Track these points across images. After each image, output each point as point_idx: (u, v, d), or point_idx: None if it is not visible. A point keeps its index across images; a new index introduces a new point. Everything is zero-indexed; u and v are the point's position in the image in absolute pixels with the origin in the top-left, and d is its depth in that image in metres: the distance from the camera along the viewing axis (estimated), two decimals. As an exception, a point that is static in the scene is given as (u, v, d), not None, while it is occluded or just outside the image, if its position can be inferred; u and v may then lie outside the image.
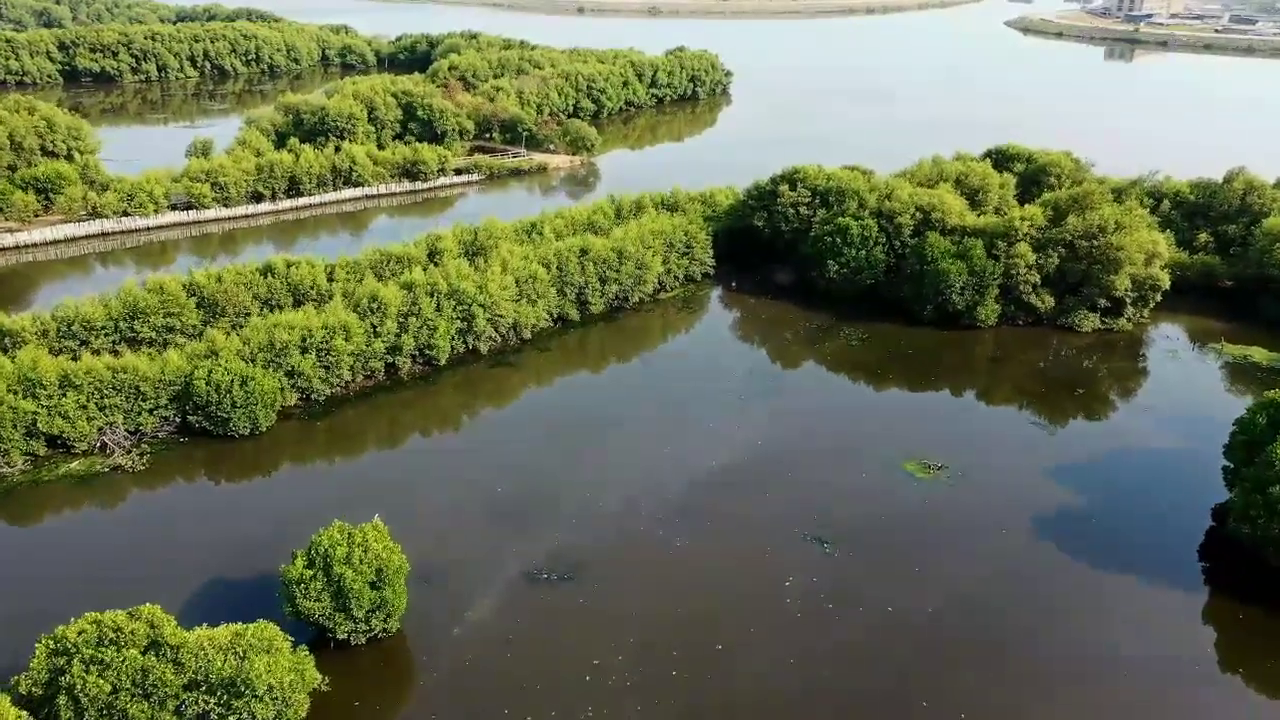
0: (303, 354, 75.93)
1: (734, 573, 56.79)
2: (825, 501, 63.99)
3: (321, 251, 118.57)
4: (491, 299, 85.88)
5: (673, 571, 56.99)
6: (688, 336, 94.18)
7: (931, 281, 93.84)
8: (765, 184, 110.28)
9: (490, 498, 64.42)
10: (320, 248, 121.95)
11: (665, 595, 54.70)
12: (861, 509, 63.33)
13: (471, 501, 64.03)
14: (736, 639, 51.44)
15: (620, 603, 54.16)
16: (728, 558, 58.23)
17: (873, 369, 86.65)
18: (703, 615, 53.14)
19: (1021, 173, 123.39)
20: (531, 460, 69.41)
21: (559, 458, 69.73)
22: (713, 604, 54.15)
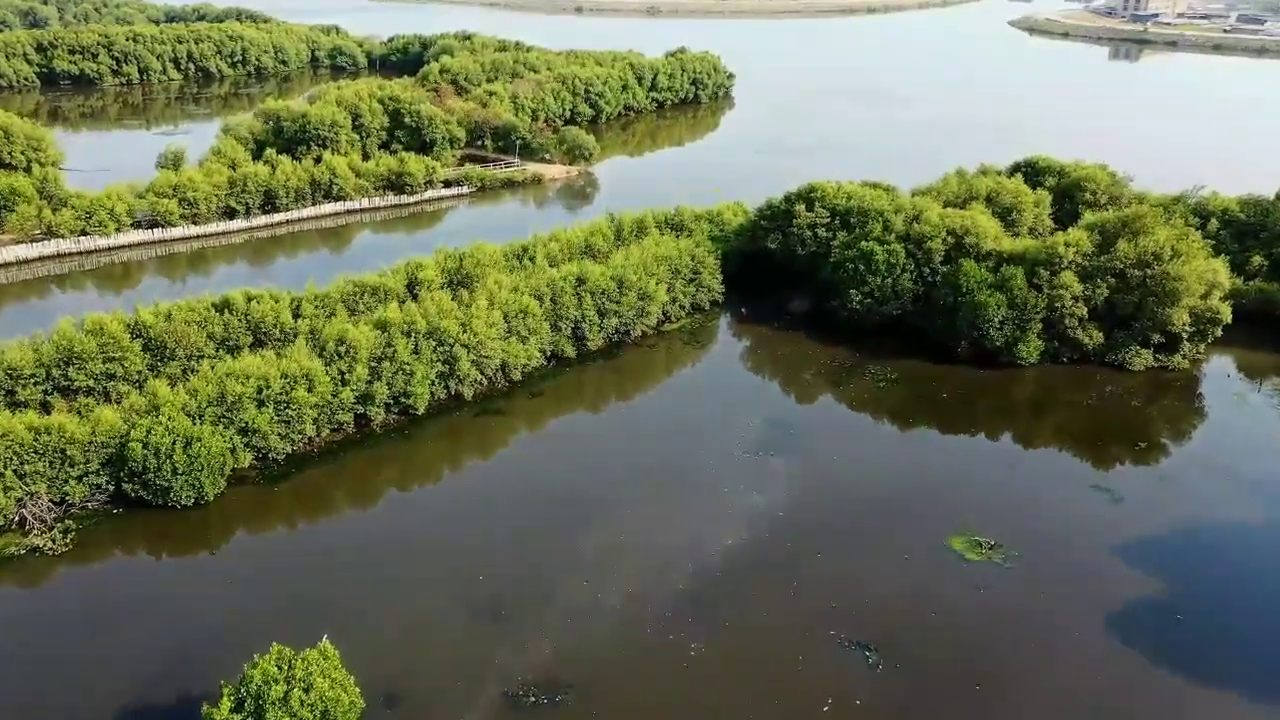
0: (259, 408, 66.40)
1: (761, 695, 47.28)
2: (863, 593, 54.53)
3: (299, 272, 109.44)
4: (477, 338, 76.38)
5: (686, 690, 47.50)
6: (696, 377, 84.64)
7: (967, 315, 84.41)
8: (779, 203, 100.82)
9: (469, 589, 54.90)
10: (297, 268, 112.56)
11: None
12: (906, 603, 53.86)
13: (447, 594, 54.52)
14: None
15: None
16: (752, 672, 48.73)
17: (904, 416, 77.16)
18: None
19: (1053, 188, 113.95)
20: (519, 538, 59.89)
21: (550, 534, 60.21)
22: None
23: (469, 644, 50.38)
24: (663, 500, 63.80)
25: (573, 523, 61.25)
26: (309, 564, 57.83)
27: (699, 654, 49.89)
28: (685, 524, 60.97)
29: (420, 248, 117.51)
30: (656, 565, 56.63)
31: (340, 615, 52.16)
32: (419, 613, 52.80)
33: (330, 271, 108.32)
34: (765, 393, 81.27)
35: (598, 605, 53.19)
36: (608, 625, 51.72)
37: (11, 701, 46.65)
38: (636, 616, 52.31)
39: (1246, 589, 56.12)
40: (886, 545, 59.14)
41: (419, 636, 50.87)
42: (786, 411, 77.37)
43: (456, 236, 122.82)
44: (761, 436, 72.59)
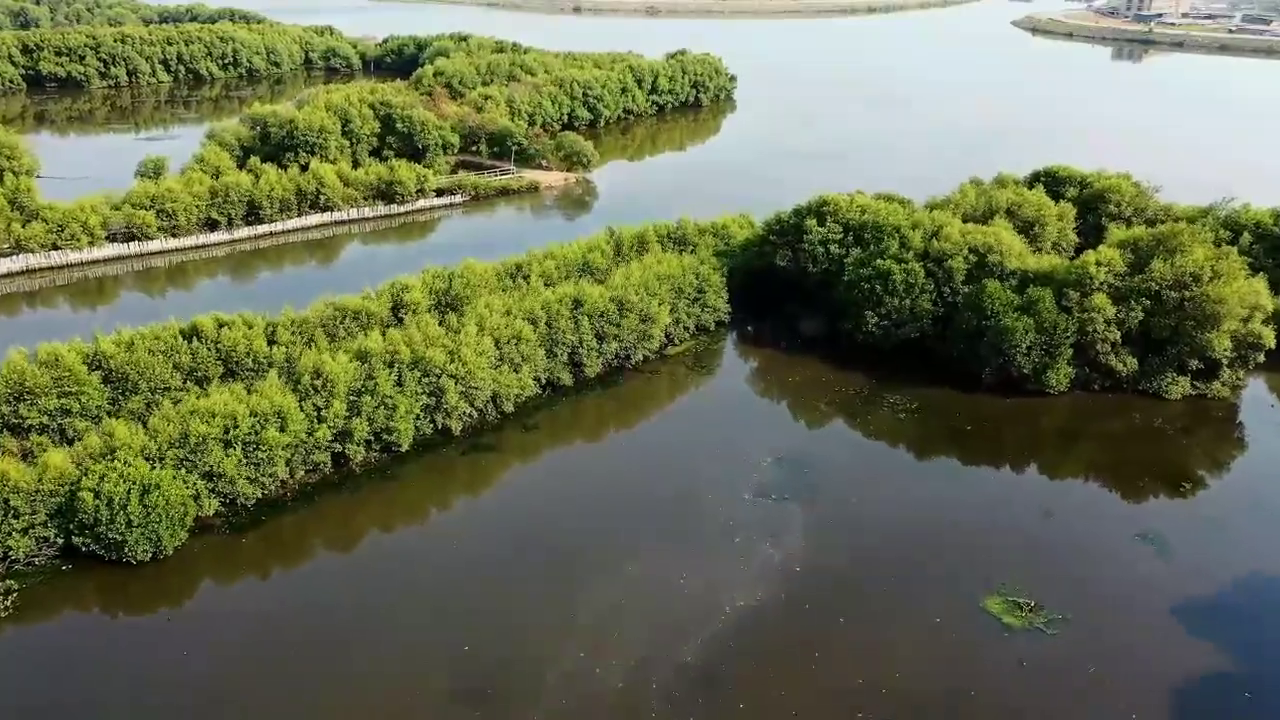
0: (225, 449, 60.66)
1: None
2: (892, 667, 48.82)
3: (282, 288, 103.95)
4: (466, 368, 70.62)
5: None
6: (701, 407, 78.85)
7: (992, 340, 78.71)
8: (788, 217, 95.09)
9: (453, 661, 49.17)
10: (280, 283, 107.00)
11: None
12: (941, 680, 48.15)
13: (428, 667, 48.78)
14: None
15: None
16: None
17: (927, 453, 71.46)
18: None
19: (1075, 199, 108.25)
20: (509, 598, 54.17)
21: (544, 593, 54.50)
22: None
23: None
24: (667, 552, 58.08)
25: (569, 579, 55.55)
26: (274, 629, 52.08)
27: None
28: (692, 582, 55.25)
29: (410, 260, 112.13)
30: (661, 633, 50.92)
31: (307, 694, 46.50)
32: (395, 692, 47.06)
33: (315, 287, 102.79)
34: (776, 425, 75.48)
35: (596, 683, 47.46)
36: (604, 709, 45.98)
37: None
38: (640, 698, 46.57)
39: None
40: (916, 608, 53.41)
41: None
42: (799, 447, 71.56)
43: (448, 249, 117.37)
44: (773, 476, 66.84)
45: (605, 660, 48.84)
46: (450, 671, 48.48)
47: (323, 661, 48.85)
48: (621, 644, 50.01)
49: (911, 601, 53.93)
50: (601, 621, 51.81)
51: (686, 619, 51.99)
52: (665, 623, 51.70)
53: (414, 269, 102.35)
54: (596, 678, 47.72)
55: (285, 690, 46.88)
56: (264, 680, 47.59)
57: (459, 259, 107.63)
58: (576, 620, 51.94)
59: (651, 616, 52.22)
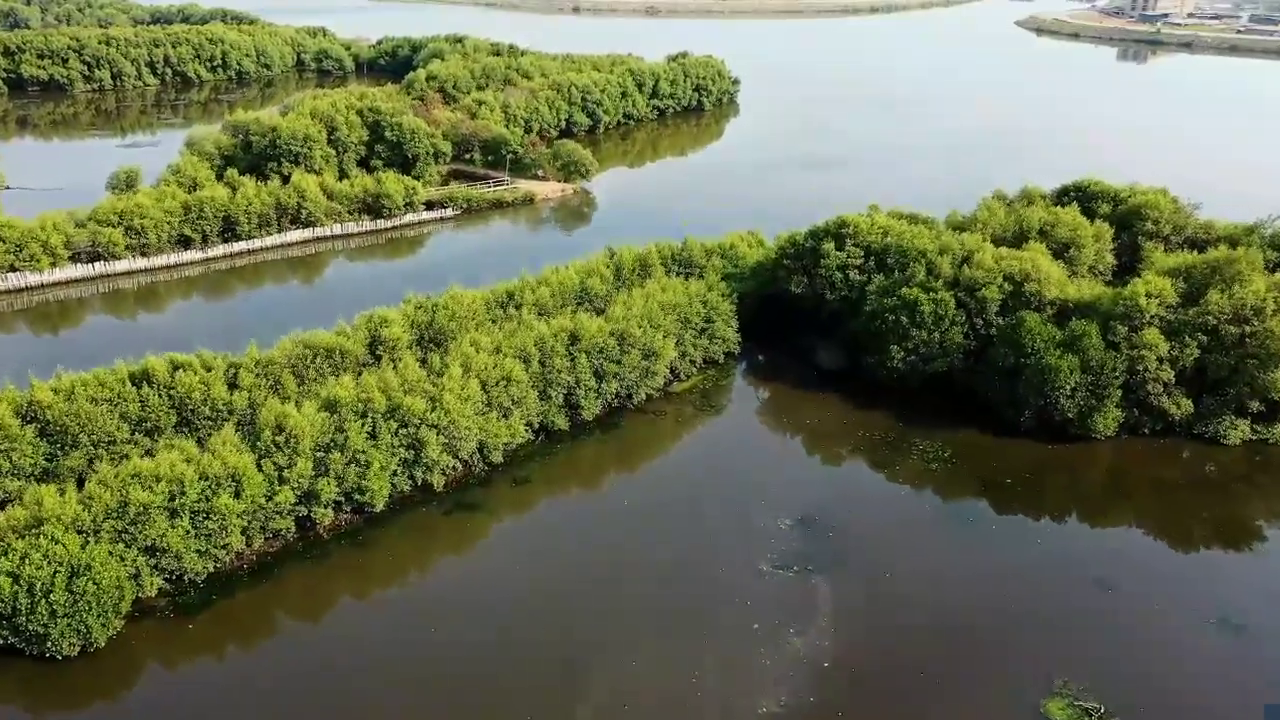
0: (171, 519, 53.16)
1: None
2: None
3: (257, 313, 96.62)
4: (449, 417, 63.08)
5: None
6: (710, 454, 71.16)
7: (1033, 381, 71.19)
8: (803, 239, 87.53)
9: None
10: (256, 308, 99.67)
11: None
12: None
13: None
14: None
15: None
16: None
17: (965, 511, 63.91)
18: None
19: (1108, 216, 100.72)
20: (492, 708, 46.60)
21: (532, 700, 46.94)
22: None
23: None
24: (676, 642, 50.59)
25: (561, 679, 48.04)
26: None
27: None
28: (706, 682, 47.73)
29: (395, 281, 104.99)
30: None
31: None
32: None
33: (293, 311, 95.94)
34: (795, 477, 67.87)
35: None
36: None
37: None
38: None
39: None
40: (967, 714, 45.87)
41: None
42: (822, 504, 63.94)
43: (436, 269, 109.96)
44: (794, 542, 59.28)
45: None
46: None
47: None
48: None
49: (961, 708, 46.38)
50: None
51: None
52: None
53: (399, 290, 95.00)
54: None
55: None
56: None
57: (448, 279, 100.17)
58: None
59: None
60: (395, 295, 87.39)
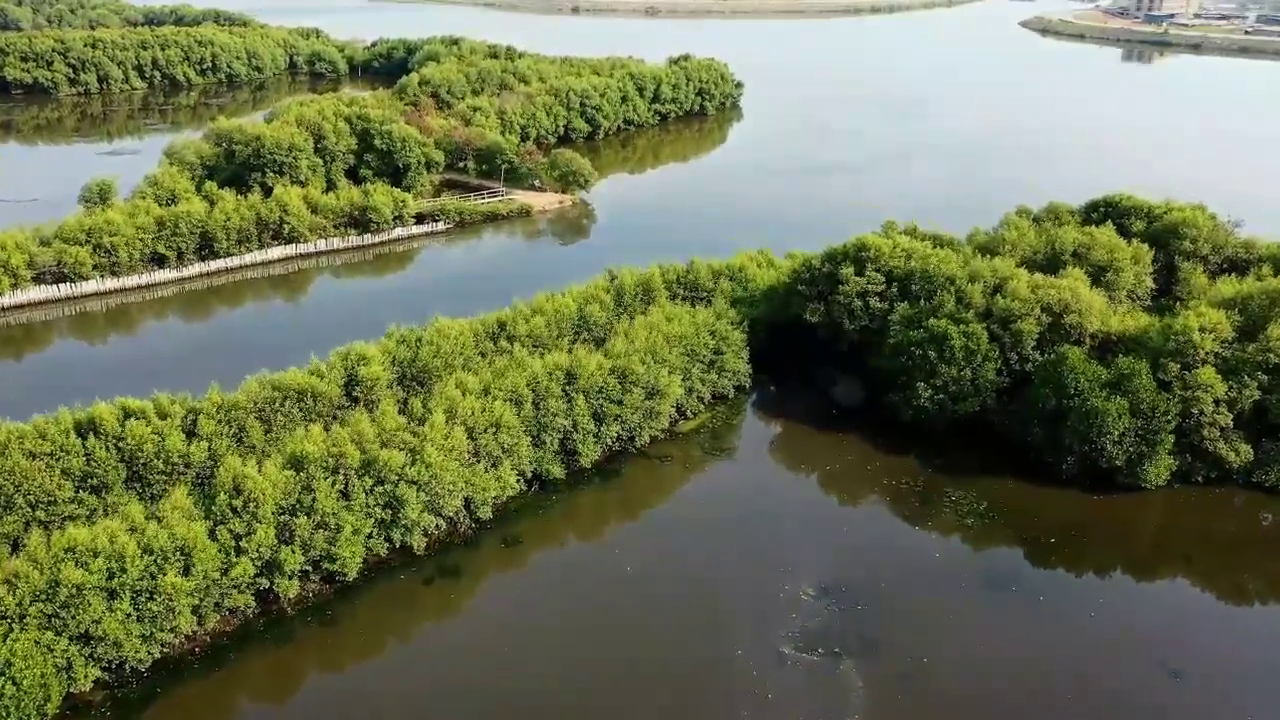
0: (110, 600, 46.56)
1: None
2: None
3: (231, 339, 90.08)
4: (431, 472, 56.45)
5: None
6: (720, 507, 64.33)
7: (1077, 426, 64.54)
8: (819, 263, 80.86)
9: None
10: (229, 333, 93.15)
11: None
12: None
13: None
14: None
15: None
16: None
17: (1008, 576, 57.23)
18: None
19: (1142, 234, 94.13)
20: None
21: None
22: None
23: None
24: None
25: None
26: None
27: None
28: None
29: (381, 301, 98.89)
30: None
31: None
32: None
33: (269, 337, 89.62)
34: (816, 535, 61.14)
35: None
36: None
37: None
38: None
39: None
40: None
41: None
42: (847, 570, 57.27)
43: (426, 289, 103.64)
44: (817, 617, 52.65)
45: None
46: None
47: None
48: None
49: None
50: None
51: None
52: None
53: (384, 314, 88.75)
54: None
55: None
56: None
57: (436, 302, 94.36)
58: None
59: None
60: (380, 319, 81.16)
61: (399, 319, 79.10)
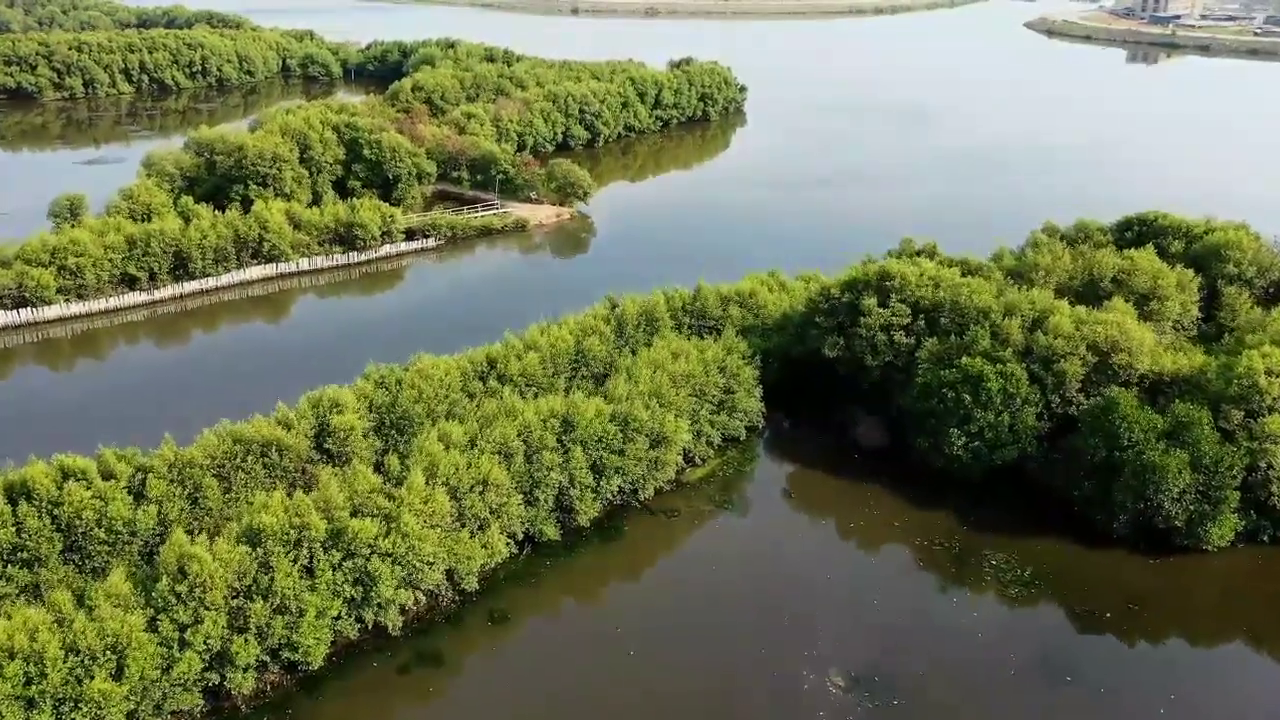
0: (28, 711, 39.90)
1: None
2: None
3: (202, 368, 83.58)
4: (408, 543, 49.79)
5: None
6: (733, 574, 57.44)
7: (1132, 482, 57.89)
8: (838, 292, 74.12)
9: None
10: (201, 361, 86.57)
11: None
12: None
13: None
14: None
15: None
16: None
17: (1060, 663, 50.42)
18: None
19: (1180, 255, 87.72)
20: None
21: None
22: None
23: None
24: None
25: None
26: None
27: None
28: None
29: (365, 327, 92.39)
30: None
31: None
32: None
33: (242, 368, 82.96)
34: (843, 610, 54.37)
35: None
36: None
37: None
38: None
39: None
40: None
41: None
42: (879, 654, 50.56)
43: (413, 313, 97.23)
44: (849, 717, 45.94)
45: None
46: None
47: None
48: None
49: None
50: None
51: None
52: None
53: (366, 343, 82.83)
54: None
55: None
56: None
57: (424, 327, 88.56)
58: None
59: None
60: (361, 349, 75.36)
61: (381, 350, 73.21)
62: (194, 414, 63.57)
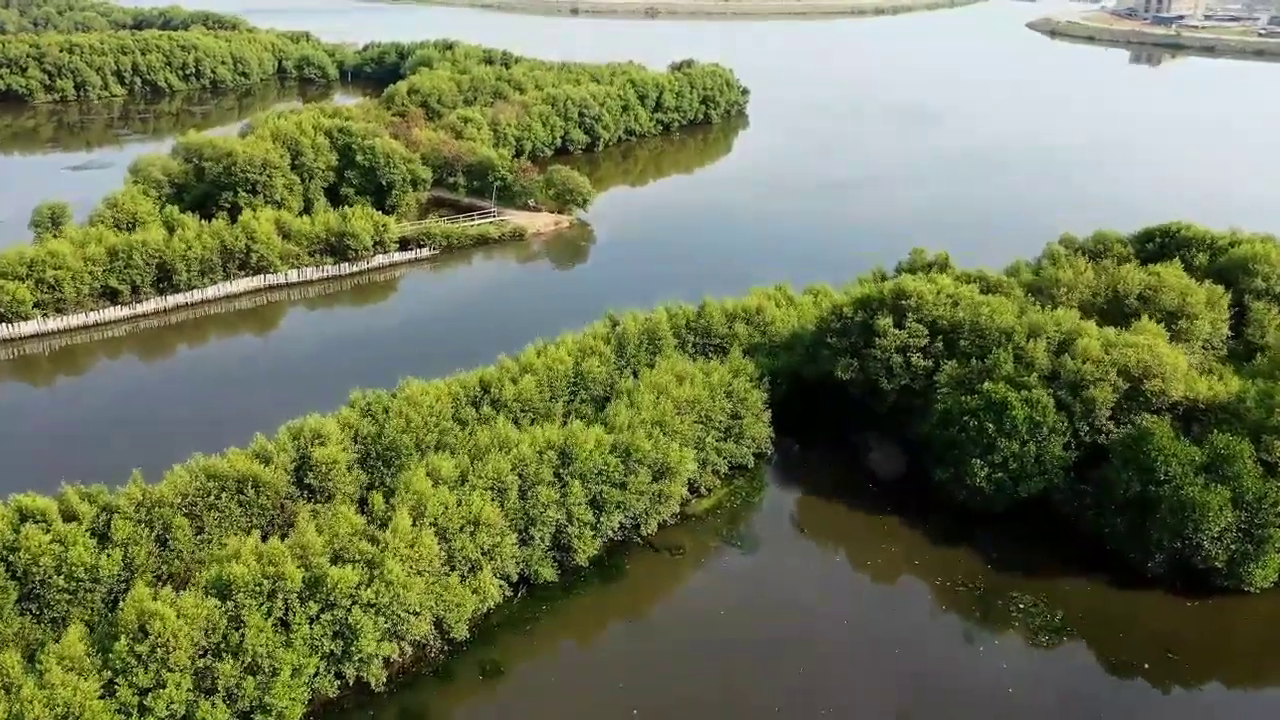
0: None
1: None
2: None
3: (182, 388, 79.81)
4: (392, 592, 45.99)
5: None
6: (743, 614, 53.66)
7: (1170, 520, 54.13)
8: (851, 311, 70.27)
9: None
10: (183, 380, 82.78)
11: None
12: None
13: None
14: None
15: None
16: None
17: (1092, 712, 46.76)
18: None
19: (1205, 269, 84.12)
20: None
21: None
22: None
23: None
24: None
25: None
26: None
27: None
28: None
29: (353, 344, 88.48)
30: None
31: None
32: None
33: (227, 386, 79.20)
34: (862, 660, 50.53)
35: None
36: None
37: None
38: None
39: None
40: None
41: None
42: (907, 711, 46.79)
43: (404, 328, 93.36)
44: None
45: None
46: None
47: None
48: None
49: None
50: None
51: None
52: None
53: (354, 362, 79.52)
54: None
55: None
56: None
57: (416, 344, 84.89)
58: None
59: None
60: (348, 368, 72.03)
61: (371, 368, 70.25)
62: (169, 441, 60.08)
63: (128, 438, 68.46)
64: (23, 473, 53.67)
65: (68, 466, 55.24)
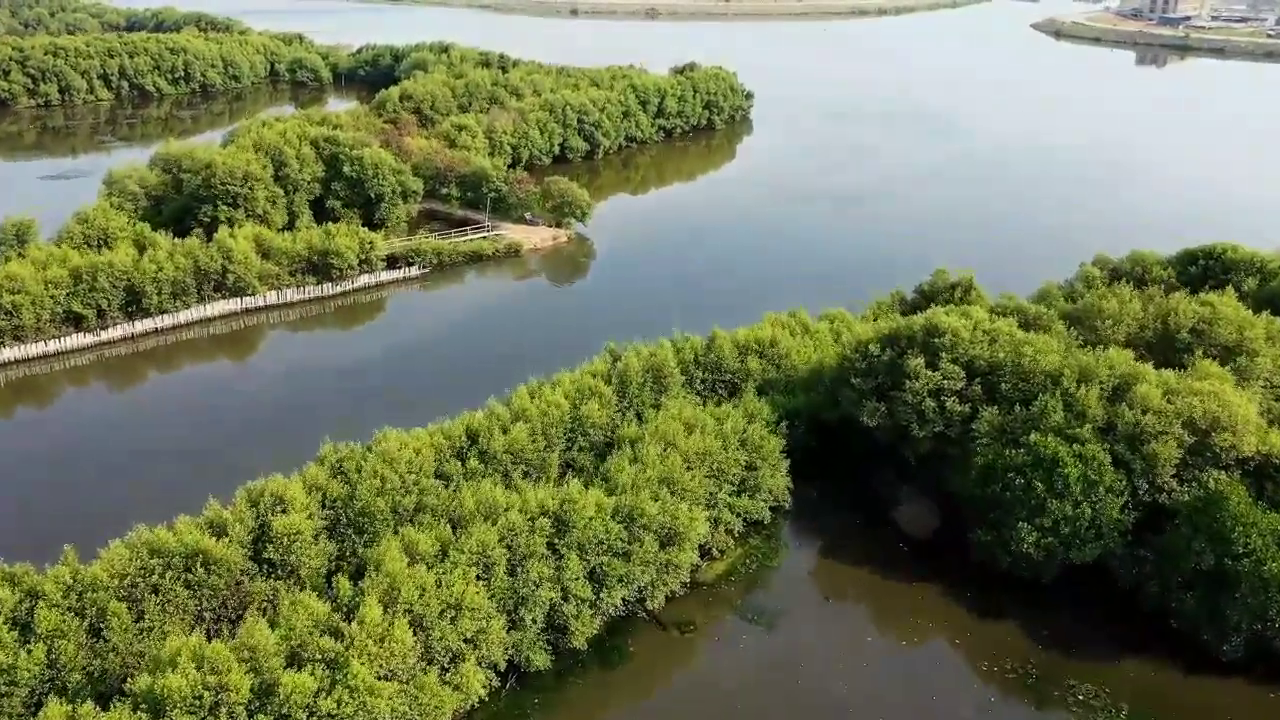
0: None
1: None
2: None
3: (148, 429, 73.16)
4: (358, 700, 39.29)
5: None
6: (756, 700, 47.15)
7: (1251, 599, 47.49)
8: (878, 350, 63.54)
9: None
10: (146, 422, 76.11)
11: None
12: None
13: None
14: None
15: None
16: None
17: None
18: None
19: (1255, 294, 77.70)
20: None
21: None
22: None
23: None
24: None
25: None
26: None
27: None
28: None
29: (330, 379, 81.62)
30: None
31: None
32: None
33: (189, 433, 72.38)
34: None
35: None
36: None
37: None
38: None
39: None
40: None
41: None
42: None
43: (385, 359, 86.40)
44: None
45: None
46: None
47: None
48: None
49: None
50: None
51: None
52: None
53: (329, 398, 72.85)
54: None
55: None
56: None
57: (397, 380, 78.42)
58: None
59: None
60: (325, 405, 65.34)
61: (347, 407, 64.12)
62: (116, 498, 53.51)
63: (69, 494, 61.65)
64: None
65: (9, 523, 48.63)
